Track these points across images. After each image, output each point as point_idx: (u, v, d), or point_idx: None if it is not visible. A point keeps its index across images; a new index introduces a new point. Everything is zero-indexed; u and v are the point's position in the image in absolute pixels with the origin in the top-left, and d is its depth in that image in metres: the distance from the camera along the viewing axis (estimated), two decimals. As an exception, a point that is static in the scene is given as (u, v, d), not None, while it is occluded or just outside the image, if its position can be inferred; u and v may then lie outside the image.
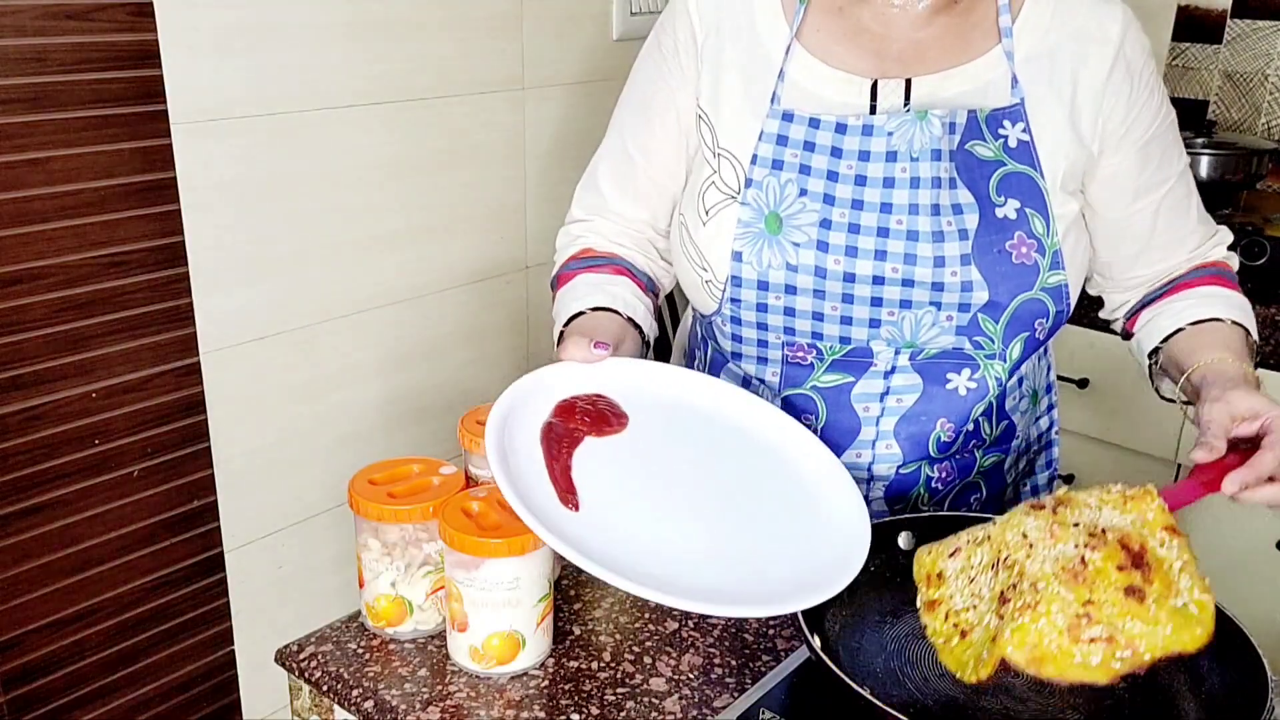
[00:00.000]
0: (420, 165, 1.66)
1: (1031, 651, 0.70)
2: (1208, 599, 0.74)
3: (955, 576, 0.80)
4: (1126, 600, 0.72)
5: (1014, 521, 0.80)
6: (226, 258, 1.45)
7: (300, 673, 0.90)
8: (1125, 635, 0.71)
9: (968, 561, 0.80)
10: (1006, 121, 0.96)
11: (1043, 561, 0.75)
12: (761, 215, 0.98)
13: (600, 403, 0.89)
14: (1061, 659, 0.69)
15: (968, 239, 0.95)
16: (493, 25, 1.70)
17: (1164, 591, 0.74)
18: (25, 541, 1.34)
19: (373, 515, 0.89)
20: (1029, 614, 0.71)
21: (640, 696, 0.86)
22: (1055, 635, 0.70)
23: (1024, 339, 1.00)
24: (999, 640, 0.71)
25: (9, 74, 1.21)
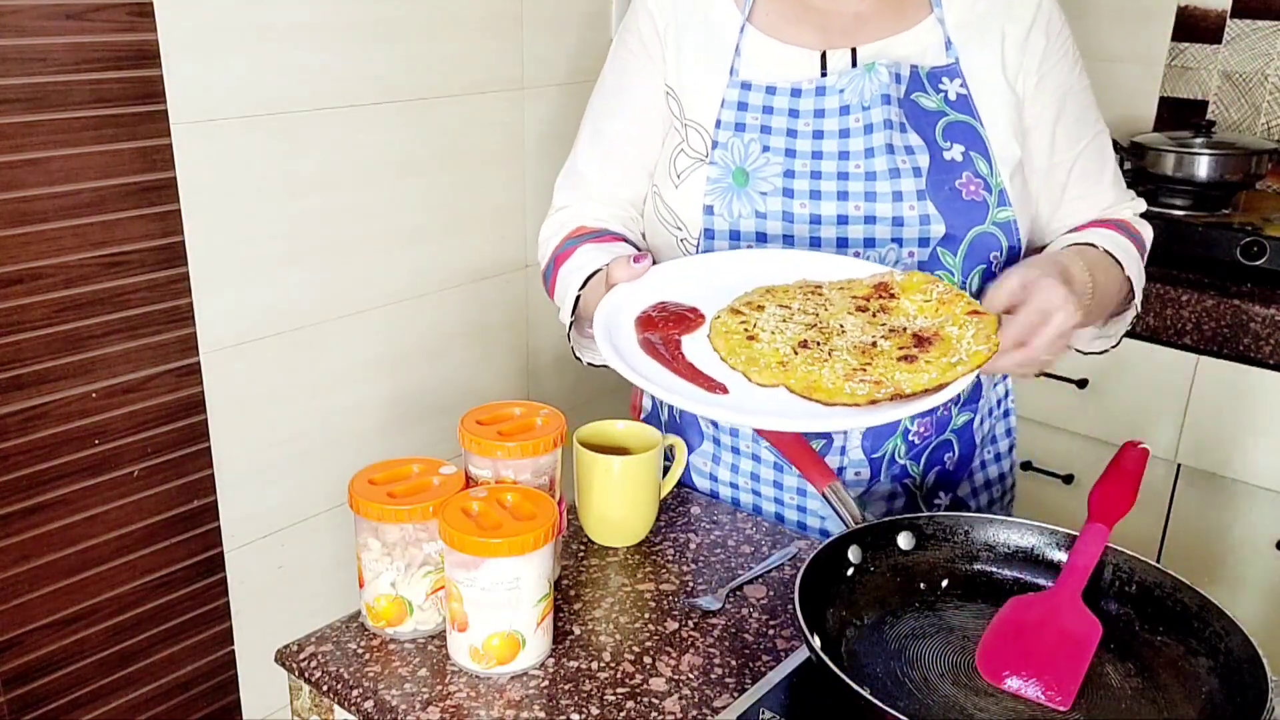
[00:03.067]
0: (420, 165, 1.66)
1: (808, 386, 0.83)
2: (983, 349, 0.84)
3: (773, 314, 0.90)
4: (899, 364, 0.84)
5: (838, 311, 0.90)
6: (226, 258, 1.45)
7: (300, 673, 0.90)
8: (892, 382, 0.82)
9: (789, 310, 0.91)
10: (945, 78, 1.06)
11: (847, 340, 0.87)
12: (729, 171, 1.07)
13: (668, 307, 0.92)
14: (833, 392, 0.82)
15: (921, 176, 1.04)
16: (492, 25, 1.70)
17: (940, 354, 0.84)
18: (25, 541, 1.34)
19: (373, 515, 0.89)
20: (817, 365, 0.84)
21: (640, 696, 0.86)
22: (832, 378, 0.83)
23: (981, 272, 1.07)
24: (788, 369, 0.84)
25: (9, 74, 1.21)
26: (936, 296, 0.91)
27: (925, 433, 1.13)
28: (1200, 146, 1.87)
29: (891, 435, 1.11)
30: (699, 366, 0.86)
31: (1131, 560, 0.90)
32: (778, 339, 0.87)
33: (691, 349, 0.88)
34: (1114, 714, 0.80)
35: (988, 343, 0.85)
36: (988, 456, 1.22)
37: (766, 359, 0.86)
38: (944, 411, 1.13)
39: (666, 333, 0.89)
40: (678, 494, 1.18)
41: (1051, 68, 1.09)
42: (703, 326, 0.91)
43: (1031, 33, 1.08)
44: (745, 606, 0.98)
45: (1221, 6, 2.08)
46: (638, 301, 0.92)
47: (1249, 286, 1.71)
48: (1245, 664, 0.78)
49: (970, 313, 0.88)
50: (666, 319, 0.90)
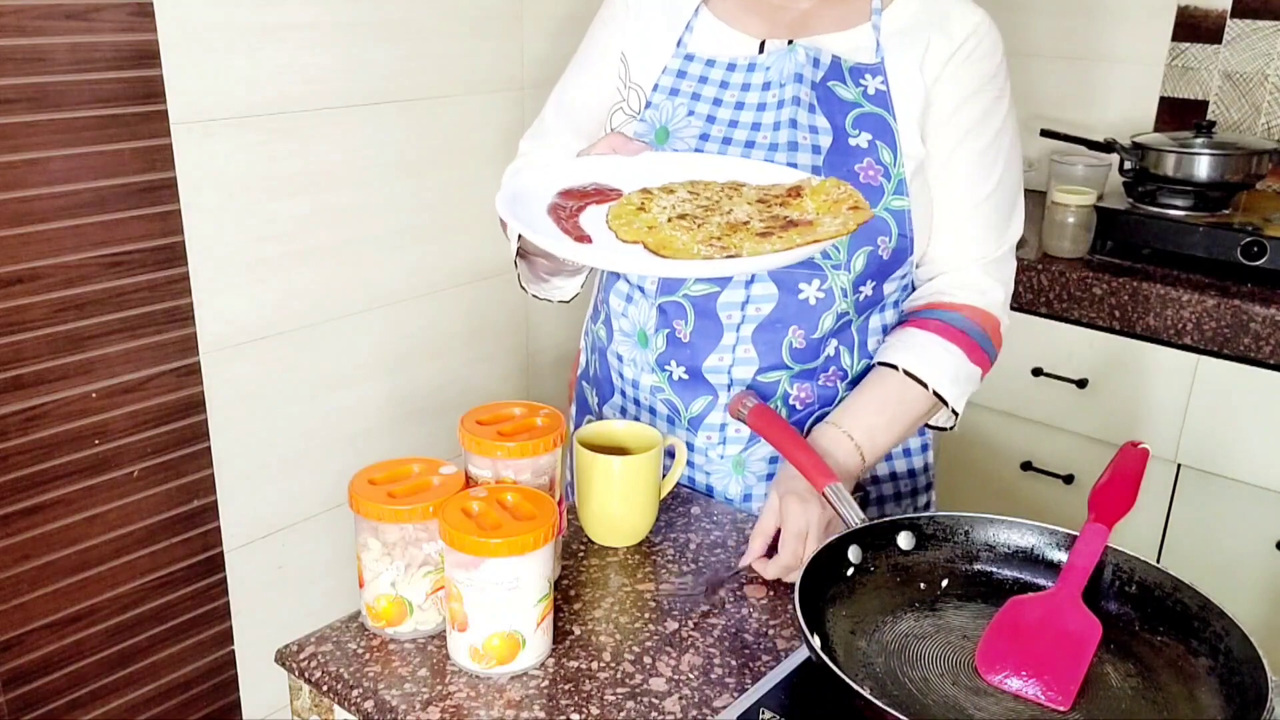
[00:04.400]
0: (420, 165, 1.66)
1: (661, 244, 0.87)
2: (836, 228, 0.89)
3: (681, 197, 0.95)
4: (756, 237, 0.88)
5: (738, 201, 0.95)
6: (226, 258, 1.45)
7: (300, 673, 0.90)
8: (738, 249, 0.86)
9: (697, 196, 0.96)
10: (868, 75, 1.11)
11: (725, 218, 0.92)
12: (653, 129, 1.16)
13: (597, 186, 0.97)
14: (681, 251, 0.86)
15: (820, 154, 1.10)
16: (493, 25, 1.70)
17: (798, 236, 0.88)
18: (25, 541, 1.34)
19: (373, 515, 0.89)
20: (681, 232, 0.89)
21: (640, 696, 0.86)
22: (688, 241, 0.87)
23: (867, 253, 1.12)
24: (653, 232, 0.89)
25: (9, 74, 1.21)
26: (835, 197, 0.95)
27: (807, 400, 1.17)
28: (1201, 147, 1.87)
29: (772, 397, 1.16)
30: (582, 225, 0.91)
31: (1131, 560, 0.90)
32: (663, 214, 0.93)
33: (588, 217, 0.93)
34: (1114, 714, 0.80)
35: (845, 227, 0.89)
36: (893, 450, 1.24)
37: (640, 223, 0.91)
38: (827, 382, 1.17)
39: (580, 202, 0.94)
40: (678, 494, 1.18)
41: (964, 101, 1.12)
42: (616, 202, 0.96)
43: (958, 53, 1.11)
44: (745, 606, 0.98)
45: (1222, 6, 2.08)
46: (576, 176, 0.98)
47: (1249, 286, 1.71)
48: (1245, 664, 0.78)
49: (852, 208, 0.92)
50: (588, 192, 0.96)
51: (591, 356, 1.30)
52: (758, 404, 1.08)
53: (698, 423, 1.18)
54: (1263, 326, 1.64)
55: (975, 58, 1.13)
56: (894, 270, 1.15)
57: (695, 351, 1.15)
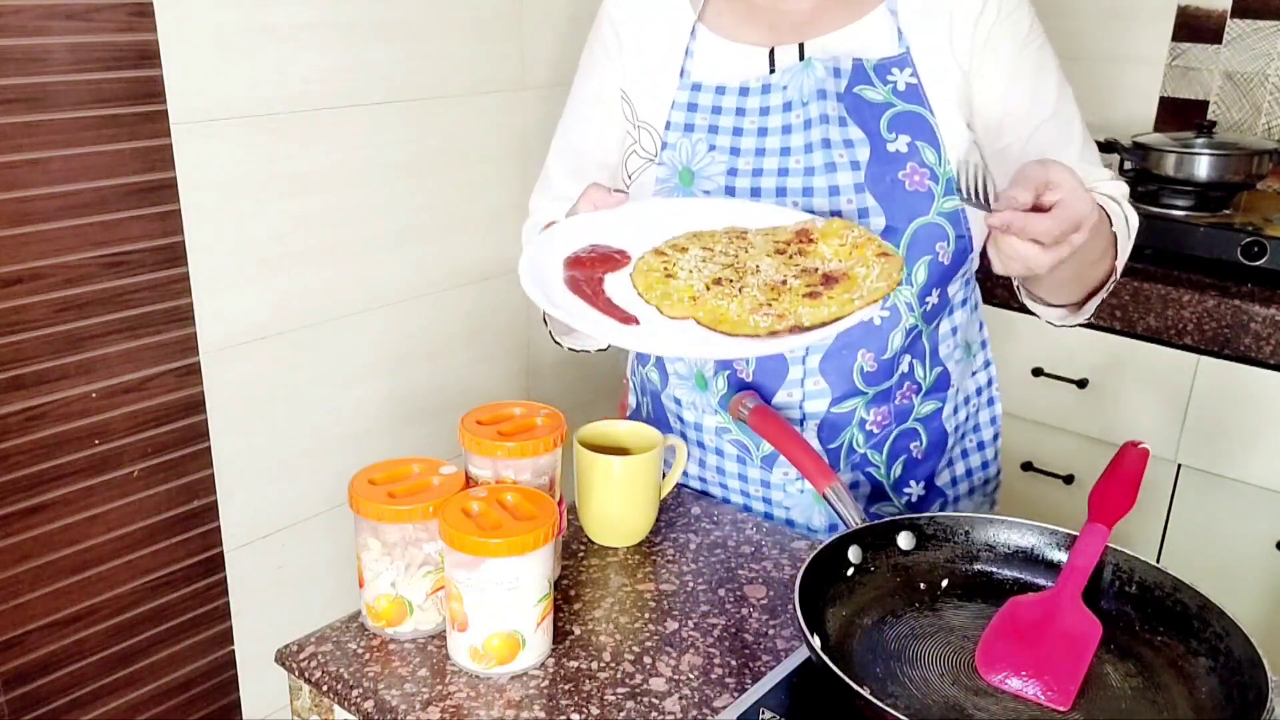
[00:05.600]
0: (420, 165, 1.66)
1: (715, 319, 0.86)
2: (882, 285, 0.87)
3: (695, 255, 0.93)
4: (804, 300, 0.87)
5: (757, 254, 0.93)
6: (226, 258, 1.45)
7: (300, 673, 0.90)
8: (794, 315, 0.85)
9: (712, 252, 0.94)
10: (895, 69, 1.05)
11: (759, 278, 0.91)
12: (676, 171, 1.09)
13: (598, 248, 0.94)
14: (737, 324, 0.85)
15: (860, 169, 1.04)
16: (493, 25, 1.70)
17: (843, 292, 0.88)
18: (25, 541, 1.34)
19: (373, 515, 0.89)
20: (726, 300, 0.88)
21: (640, 696, 0.86)
22: (739, 311, 0.86)
23: (927, 262, 1.06)
24: (698, 303, 0.87)
25: (9, 74, 1.21)
26: (851, 241, 0.93)
27: (884, 422, 1.12)
28: (1201, 147, 1.87)
29: (847, 426, 1.11)
30: (617, 302, 0.89)
31: (1131, 560, 0.90)
32: (694, 277, 0.91)
33: (614, 287, 0.91)
34: (1114, 714, 0.79)
35: (888, 280, 0.88)
36: (968, 445, 1.23)
37: (680, 294, 0.89)
38: (902, 399, 1.12)
39: (592, 271, 0.92)
40: (678, 494, 1.18)
41: (1000, 43, 1.05)
42: (627, 267, 0.93)
43: (983, 13, 1.05)
44: (745, 606, 0.98)
45: (1222, 6, 2.08)
46: (571, 242, 0.96)
47: (1250, 287, 1.71)
48: (1245, 664, 0.78)
49: (879, 254, 0.91)
50: (594, 259, 0.93)
51: (643, 399, 1.26)
52: (758, 404, 1.08)
53: (771, 461, 1.14)
54: (1263, 326, 1.64)
55: (1004, 15, 1.05)
56: (957, 271, 1.09)
57: (761, 390, 1.10)
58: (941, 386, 1.15)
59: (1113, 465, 0.96)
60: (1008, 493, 1.98)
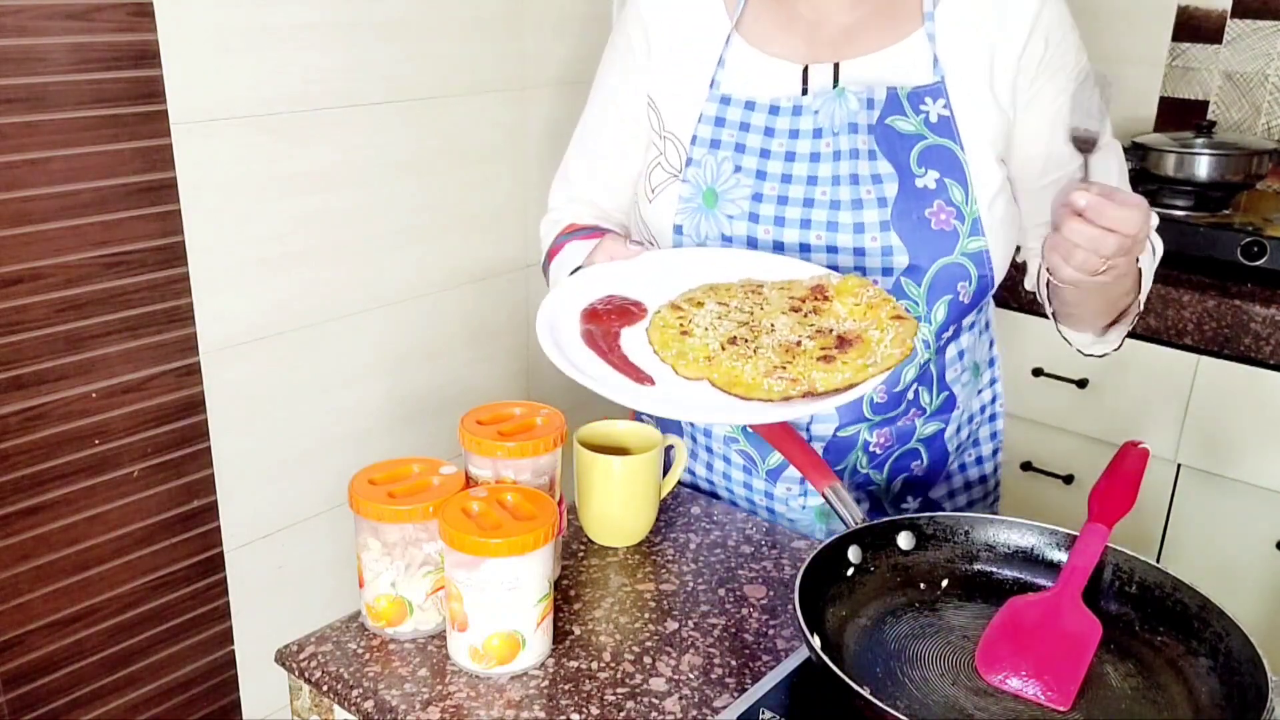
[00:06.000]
0: (420, 165, 1.66)
1: (730, 381, 0.86)
2: (897, 353, 0.86)
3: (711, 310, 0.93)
4: (818, 363, 0.87)
5: (772, 311, 0.93)
6: (226, 258, 1.45)
7: (300, 673, 0.90)
8: (808, 380, 0.85)
9: (727, 307, 0.93)
10: (928, 98, 1.02)
11: (774, 338, 0.90)
12: (700, 191, 1.07)
13: (614, 300, 0.94)
14: (751, 387, 0.85)
15: (886, 206, 1.01)
16: (493, 25, 1.70)
17: (857, 356, 0.87)
18: (25, 541, 1.34)
19: (373, 515, 0.89)
20: (741, 361, 0.87)
21: (640, 696, 0.86)
22: (753, 373, 0.86)
23: (948, 301, 1.05)
24: (713, 364, 0.87)
25: (9, 74, 1.21)
26: (867, 300, 0.93)
27: (886, 443, 1.12)
28: (1201, 147, 1.87)
29: (852, 449, 1.11)
30: (632, 359, 0.88)
31: (1131, 560, 0.90)
32: (709, 335, 0.90)
33: (630, 342, 0.91)
34: (1114, 714, 0.80)
35: (902, 346, 0.87)
36: (967, 459, 1.23)
37: (695, 353, 0.89)
38: (906, 423, 1.12)
39: (608, 325, 0.92)
40: (678, 494, 1.18)
41: (1048, 81, 1.03)
42: (644, 320, 0.93)
43: (1028, 45, 1.02)
44: (745, 606, 0.98)
45: (1222, 6, 2.08)
46: (587, 294, 0.95)
47: (1250, 287, 1.71)
48: (1245, 664, 0.78)
49: (894, 317, 0.91)
50: (610, 312, 0.93)
51: None
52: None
53: (776, 474, 1.15)
54: (1263, 326, 1.64)
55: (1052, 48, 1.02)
56: (974, 308, 1.08)
57: None
58: (947, 409, 1.15)
59: (1113, 465, 0.96)
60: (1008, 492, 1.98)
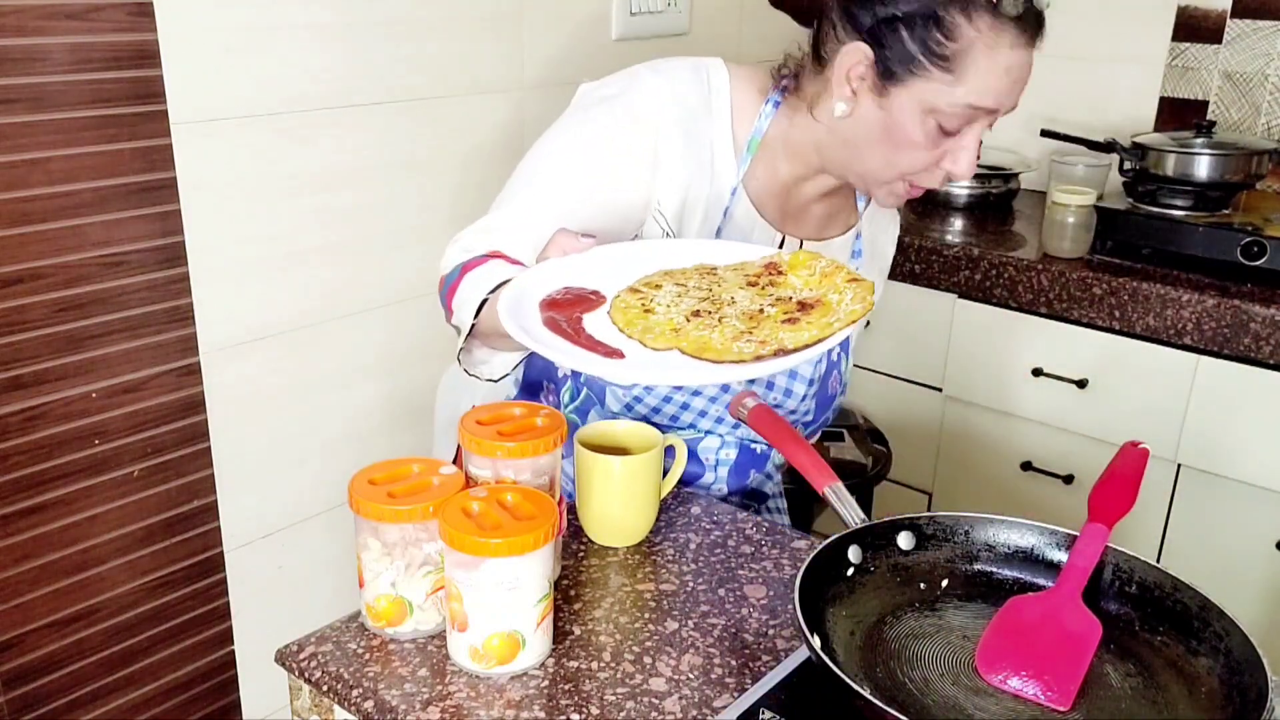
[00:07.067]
0: (420, 165, 1.66)
1: (699, 348, 0.87)
2: (858, 308, 0.90)
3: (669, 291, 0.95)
4: (783, 325, 0.89)
5: (729, 286, 0.96)
6: (226, 258, 1.45)
7: (300, 673, 0.90)
8: (776, 340, 0.87)
9: (685, 287, 0.96)
10: None
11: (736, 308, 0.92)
12: None
13: (571, 290, 0.95)
14: (721, 351, 0.86)
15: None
16: (492, 25, 1.70)
17: (820, 316, 0.90)
18: (25, 541, 1.34)
19: (373, 515, 0.89)
20: (708, 330, 0.89)
21: (640, 696, 0.86)
22: (721, 339, 0.88)
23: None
24: (680, 335, 0.89)
25: (9, 74, 1.21)
26: (819, 271, 0.96)
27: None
28: (1201, 147, 1.87)
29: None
30: (599, 339, 0.89)
31: (1131, 560, 0.90)
32: (672, 310, 0.92)
33: (593, 326, 0.92)
34: (1114, 714, 0.80)
35: (863, 302, 0.90)
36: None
37: (661, 327, 0.90)
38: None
39: (570, 312, 0.93)
40: (678, 494, 1.18)
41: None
42: (604, 306, 0.94)
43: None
44: (745, 606, 0.98)
45: (1221, 6, 2.08)
46: (543, 286, 0.96)
47: (1249, 286, 1.71)
48: (1245, 664, 0.78)
49: (849, 280, 0.94)
50: (569, 300, 0.94)
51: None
52: (758, 404, 1.08)
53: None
54: (1263, 326, 1.64)
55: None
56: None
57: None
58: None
59: (1113, 465, 0.96)
60: (1008, 492, 1.99)
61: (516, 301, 0.92)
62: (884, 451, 1.91)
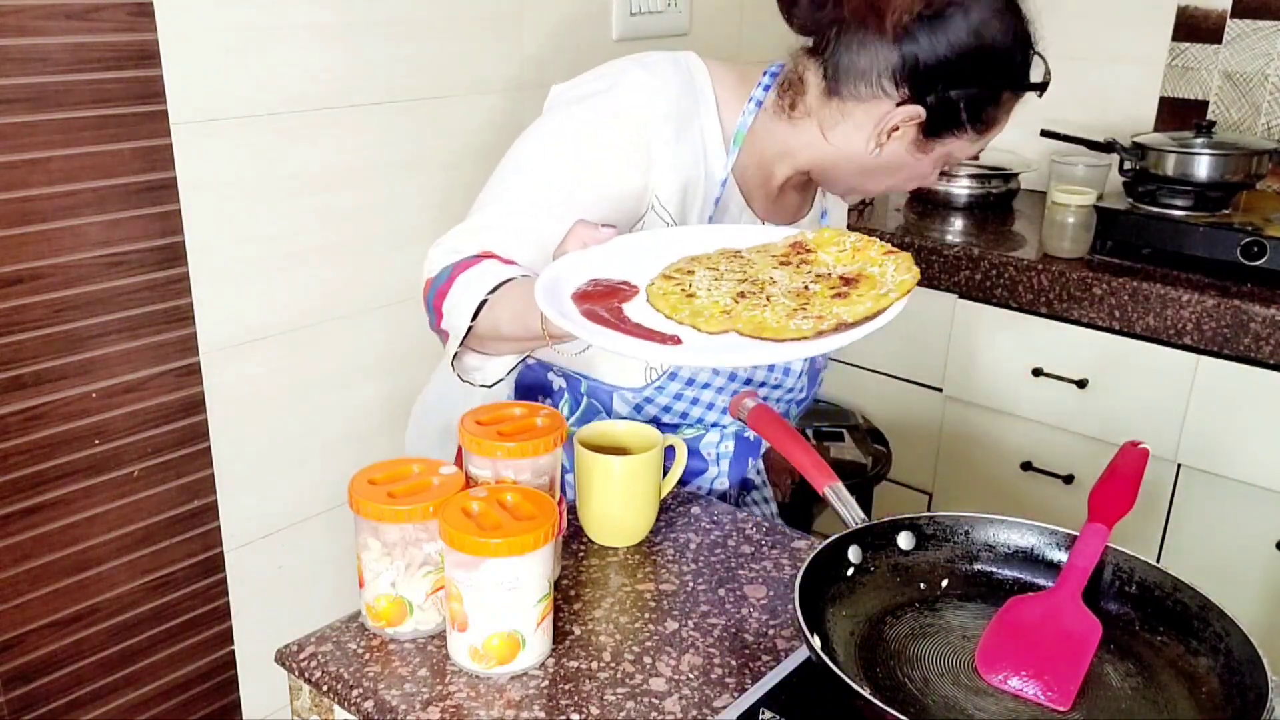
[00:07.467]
0: (420, 165, 1.66)
1: (756, 328, 0.85)
2: (909, 278, 0.87)
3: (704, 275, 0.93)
4: (834, 300, 0.87)
5: (762, 266, 0.94)
6: (226, 258, 1.45)
7: (300, 673, 0.90)
8: (832, 315, 0.85)
9: (718, 271, 0.93)
10: None
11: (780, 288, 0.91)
12: None
13: (600, 283, 0.92)
14: (780, 330, 0.84)
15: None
16: (492, 25, 1.70)
17: (869, 289, 0.88)
18: (25, 541, 1.34)
19: (373, 515, 0.89)
20: (759, 310, 0.87)
21: (640, 696, 0.86)
22: (776, 318, 0.86)
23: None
24: (732, 317, 0.86)
25: (9, 74, 1.21)
26: (850, 246, 0.94)
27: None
28: (1201, 146, 1.87)
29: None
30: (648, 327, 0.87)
31: (1131, 560, 0.90)
32: (715, 293, 0.90)
33: (635, 315, 0.89)
34: (1114, 714, 0.80)
35: (910, 272, 0.88)
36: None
37: (710, 310, 0.88)
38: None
39: (607, 303, 0.90)
40: (678, 494, 1.18)
41: None
42: (638, 295, 0.91)
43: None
44: (745, 606, 0.98)
45: (1222, 6, 2.08)
46: (568, 280, 0.93)
47: (1249, 286, 1.71)
48: (1245, 664, 0.78)
49: (885, 253, 0.92)
50: (602, 292, 0.91)
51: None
52: (758, 404, 1.08)
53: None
54: (1263, 326, 1.64)
55: None
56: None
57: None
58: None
59: (1113, 465, 0.96)
60: (1008, 492, 1.99)
61: (553, 296, 0.88)
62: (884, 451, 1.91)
